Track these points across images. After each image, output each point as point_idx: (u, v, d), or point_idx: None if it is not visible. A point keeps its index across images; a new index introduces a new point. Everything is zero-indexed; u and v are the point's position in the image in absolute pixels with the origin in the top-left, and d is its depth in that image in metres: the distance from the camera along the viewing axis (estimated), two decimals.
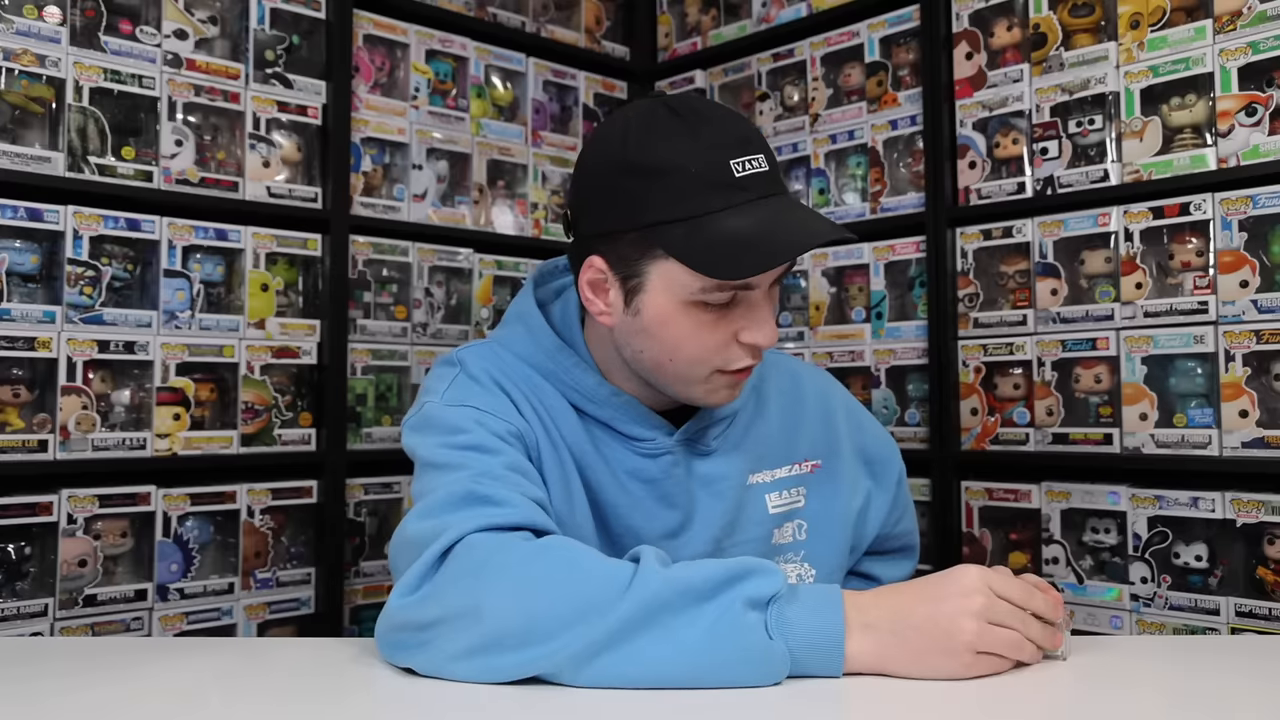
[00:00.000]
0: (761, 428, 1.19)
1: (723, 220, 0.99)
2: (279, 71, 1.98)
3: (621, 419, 1.12)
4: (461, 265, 2.22)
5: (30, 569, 1.69)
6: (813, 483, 1.21)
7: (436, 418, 1.07)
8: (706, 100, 1.12)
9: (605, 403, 1.11)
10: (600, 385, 1.12)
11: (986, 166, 2.00)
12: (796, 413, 1.23)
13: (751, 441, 1.18)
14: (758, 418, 1.20)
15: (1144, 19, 1.82)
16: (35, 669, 0.98)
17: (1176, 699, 0.87)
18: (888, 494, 1.29)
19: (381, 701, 0.88)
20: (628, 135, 1.04)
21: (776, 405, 1.22)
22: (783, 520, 1.18)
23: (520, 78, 2.37)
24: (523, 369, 1.13)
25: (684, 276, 1.01)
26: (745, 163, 1.01)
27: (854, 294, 2.20)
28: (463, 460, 1.02)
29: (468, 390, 1.10)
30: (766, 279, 1.03)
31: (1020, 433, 1.92)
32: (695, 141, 1.01)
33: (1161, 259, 1.81)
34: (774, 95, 2.36)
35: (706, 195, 1.00)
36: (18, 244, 1.69)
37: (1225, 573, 1.70)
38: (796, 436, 1.21)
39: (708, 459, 1.15)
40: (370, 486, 2.08)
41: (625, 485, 1.11)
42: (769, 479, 1.18)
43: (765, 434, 1.19)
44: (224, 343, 1.88)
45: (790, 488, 1.19)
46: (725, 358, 1.05)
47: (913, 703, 0.84)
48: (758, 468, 1.18)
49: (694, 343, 1.04)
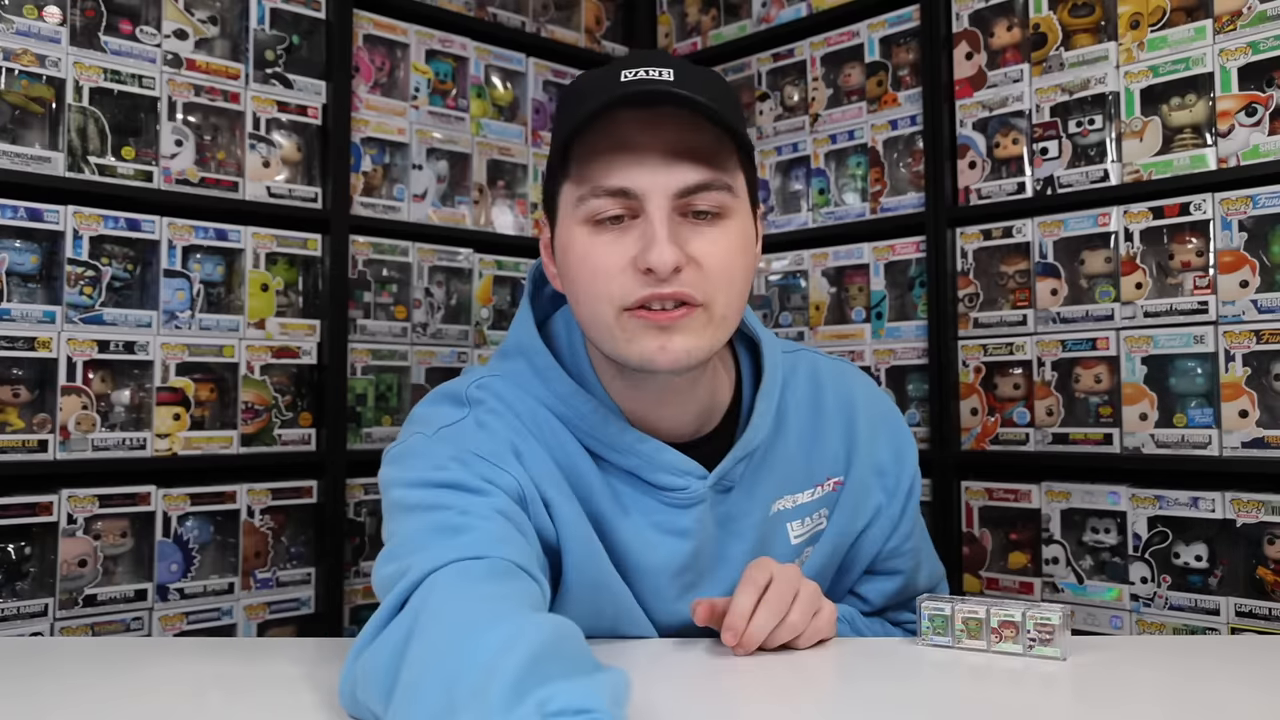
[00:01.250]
0: (781, 449, 1.09)
1: (577, 123, 0.93)
2: (279, 71, 1.98)
3: (649, 467, 1.01)
4: (461, 265, 2.22)
5: (30, 569, 1.69)
6: (835, 502, 1.11)
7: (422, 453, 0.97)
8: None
9: (630, 451, 1.00)
10: (624, 432, 1.00)
11: (986, 166, 2.00)
12: (818, 425, 1.12)
13: (771, 466, 1.08)
14: (778, 439, 1.09)
15: (1144, 19, 1.82)
16: (35, 669, 0.98)
17: (1176, 699, 0.87)
18: (896, 506, 1.14)
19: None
20: None
21: (796, 420, 1.11)
22: (804, 547, 1.10)
23: (520, 78, 2.36)
24: (539, 411, 1.02)
25: (570, 189, 0.96)
26: (640, 71, 0.94)
27: (854, 294, 2.20)
28: (439, 500, 0.92)
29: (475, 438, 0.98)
30: (654, 191, 0.93)
31: (1020, 433, 1.92)
32: (603, 71, 0.97)
33: (1161, 259, 1.81)
34: (774, 95, 2.36)
35: (588, 101, 0.94)
36: (18, 244, 1.69)
37: (1225, 573, 1.70)
38: (818, 454, 1.11)
39: (727, 495, 1.05)
40: (370, 486, 2.07)
41: (651, 542, 1.01)
42: (790, 505, 1.09)
43: (785, 456, 1.09)
44: (224, 343, 1.88)
45: (813, 512, 1.10)
46: (623, 286, 0.93)
47: (913, 702, 0.83)
48: (779, 494, 1.08)
49: (590, 267, 0.94)
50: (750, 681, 0.89)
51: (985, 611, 0.95)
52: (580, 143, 0.95)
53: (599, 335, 0.97)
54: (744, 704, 0.83)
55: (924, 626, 0.98)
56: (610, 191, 0.93)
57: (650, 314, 0.93)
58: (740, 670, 0.92)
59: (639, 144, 0.93)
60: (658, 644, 0.99)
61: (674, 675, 0.93)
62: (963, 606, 0.96)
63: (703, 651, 0.97)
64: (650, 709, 0.82)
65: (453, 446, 0.96)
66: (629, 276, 0.93)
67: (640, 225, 0.93)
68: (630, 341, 0.95)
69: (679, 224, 0.94)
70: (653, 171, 0.93)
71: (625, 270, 0.93)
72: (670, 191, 0.93)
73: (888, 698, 0.84)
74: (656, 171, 0.93)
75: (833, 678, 0.92)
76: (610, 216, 0.94)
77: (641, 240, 0.93)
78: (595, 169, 0.94)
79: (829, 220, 2.23)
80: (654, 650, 0.98)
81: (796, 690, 0.86)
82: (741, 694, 0.86)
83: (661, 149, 0.93)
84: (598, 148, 0.94)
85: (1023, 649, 0.93)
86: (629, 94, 0.92)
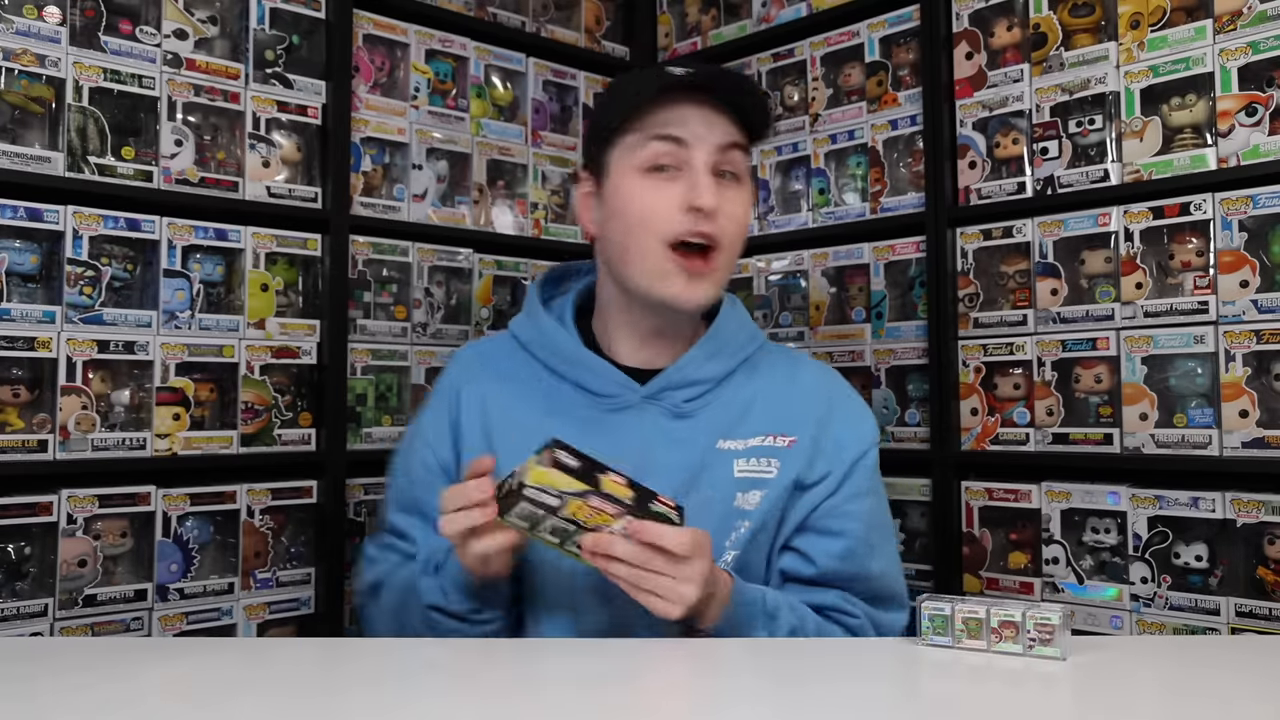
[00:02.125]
0: (743, 399, 1.28)
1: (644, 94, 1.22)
2: (279, 71, 1.98)
3: (589, 376, 1.27)
4: (461, 265, 2.22)
5: (30, 569, 1.69)
6: (786, 457, 1.24)
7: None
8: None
9: (576, 362, 1.27)
10: (572, 346, 1.28)
11: (986, 166, 2.00)
12: (785, 391, 1.29)
13: (729, 409, 1.27)
14: (743, 388, 1.29)
15: (1144, 19, 1.82)
16: (35, 669, 0.98)
17: (1176, 699, 0.87)
18: (839, 470, 1.26)
19: (382, 701, 0.88)
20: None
21: (766, 379, 1.30)
22: (749, 486, 1.23)
23: (520, 78, 2.36)
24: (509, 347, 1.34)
25: (625, 149, 1.23)
26: (686, 70, 1.20)
27: (854, 294, 2.20)
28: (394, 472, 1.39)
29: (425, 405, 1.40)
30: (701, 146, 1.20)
31: (1020, 433, 1.92)
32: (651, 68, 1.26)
33: (1162, 259, 1.81)
34: (774, 95, 2.36)
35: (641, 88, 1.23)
36: (18, 244, 1.69)
37: (1225, 573, 1.70)
38: (777, 411, 1.27)
39: (679, 420, 1.25)
40: (370, 486, 2.07)
41: (573, 437, 1.11)
42: (740, 446, 1.24)
43: (745, 402, 1.27)
44: (224, 343, 1.88)
45: (761, 456, 1.24)
46: (673, 222, 1.20)
47: (915, 703, 0.84)
48: (729, 435, 1.25)
49: (643, 206, 1.21)
50: (750, 681, 0.89)
51: (985, 611, 0.95)
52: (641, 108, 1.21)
53: (636, 267, 1.23)
54: (744, 704, 0.83)
55: (924, 626, 0.98)
56: (666, 137, 1.21)
57: (687, 257, 1.21)
58: (740, 670, 0.93)
59: (690, 107, 1.21)
60: (655, 644, 0.99)
61: (672, 675, 0.93)
62: (963, 606, 0.96)
63: (702, 651, 0.98)
64: (647, 708, 0.82)
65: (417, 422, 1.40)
66: (676, 215, 1.20)
67: (685, 176, 1.21)
68: (664, 279, 1.22)
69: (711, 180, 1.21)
70: (700, 126, 1.21)
71: (673, 210, 1.20)
72: (713, 144, 1.21)
73: (888, 698, 0.85)
74: (702, 127, 1.21)
75: (833, 678, 0.92)
76: (660, 165, 1.21)
77: (688, 187, 1.20)
78: (654, 121, 1.21)
79: (829, 220, 2.23)
80: (652, 650, 0.98)
81: (797, 690, 0.86)
82: (741, 694, 0.86)
83: (707, 112, 1.22)
84: (656, 107, 1.22)
85: (1023, 649, 0.93)
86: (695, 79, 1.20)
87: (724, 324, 1.32)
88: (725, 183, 1.23)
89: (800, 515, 1.25)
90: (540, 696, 0.86)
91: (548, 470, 0.98)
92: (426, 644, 1.04)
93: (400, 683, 0.91)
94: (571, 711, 0.82)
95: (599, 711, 0.82)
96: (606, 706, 0.83)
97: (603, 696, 0.85)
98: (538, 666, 0.97)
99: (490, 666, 0.97)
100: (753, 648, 1.00)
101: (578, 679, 0.90)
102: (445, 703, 0.87)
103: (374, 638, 1.19)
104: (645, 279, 1.22)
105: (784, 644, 1.05)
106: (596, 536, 1.02)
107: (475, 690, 0.89)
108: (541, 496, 0.99)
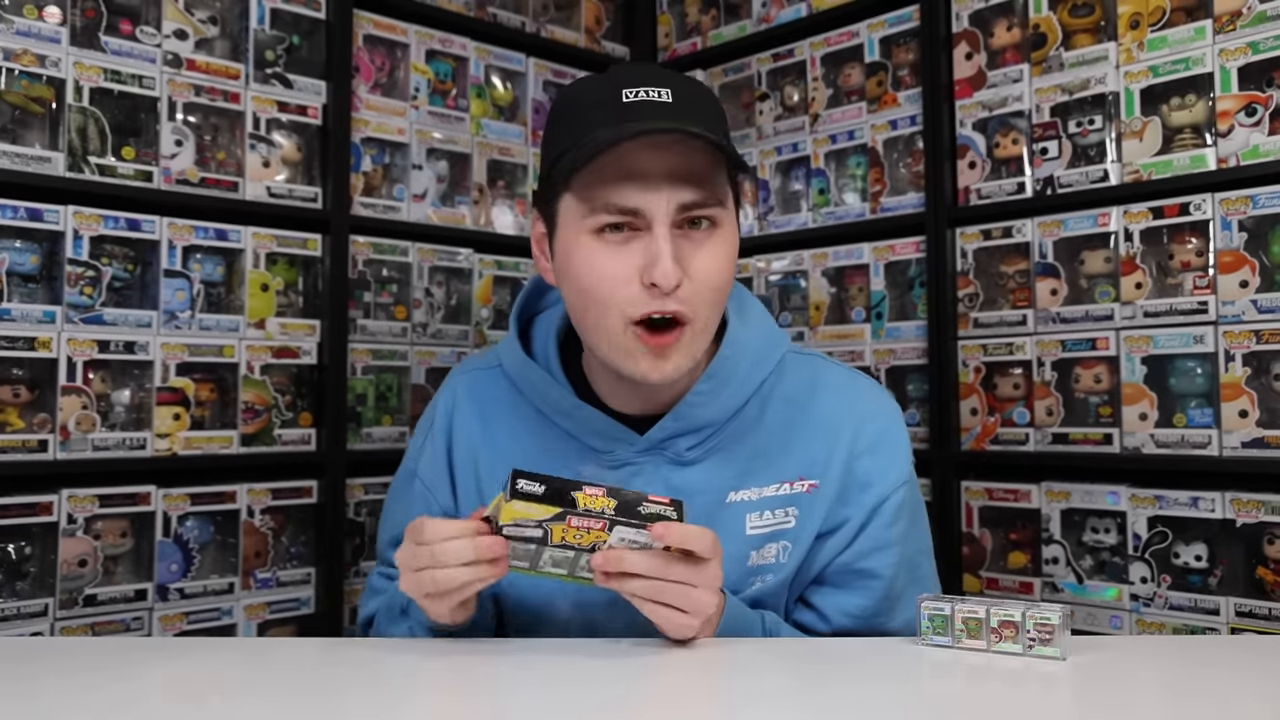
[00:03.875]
0: (755, 439, 1.13)
1: (596, 133, 1.01)
2: (279, 71, 1.98)
3: (584, 431, 1.13)
4: (461, 265, 2.22)
5: (30, 569, 1.69)
6: (806, 504, 1.11)
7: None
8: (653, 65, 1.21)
9: (569, 415, 1.13)
10: (564, 398, 1.13)
11: (986, 166, 2.00)
12: (801, 426, 1.14)
13: (738, 454, 1.12)
14: (755, 426, 1.13)
15: (1144, 19, 1.82)
16: (35, 669, 0.98)
17: (1176, 699, 0.87)
18: (859, 516, 1.12)
19: (382, 701, 0.88)
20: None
21: (779, 414, 1.14)
22: (764, 542, 1.11)
23: (520, 78, 2.36)
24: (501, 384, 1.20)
25: (574, 203, 1.04)
26: (639, 91, 1.02)
27: (854, 294, 2.20)
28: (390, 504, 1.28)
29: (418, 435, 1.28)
30: (659, 212, 1.01)
31: (1020, 433, 1.92)
32: (599, 83, 1.05)
33: (1161, 259, 1.81)
34: (774, 95, 2.36)
35: (590, 118, 1.03)
36: (18, 244, 1.69)
37: (1225, 573, 1.70)
38: (793, 451, 1.12)
39: (684, 469, 1.11)
40: (370, 486, 2.07)
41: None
42: (753, 497, 1.11)
43: (757, 446, 1.12)
44: (224, 343, 1.88)
45: (777, 508, 1.11)
46: (629, 297, 1.02)
47: (913, 702, 0.84)
48: (741, 484, 1.11)
49: (595, 276, 1.03)
50: (749, 682, 0.89)
51: (985, 611, 0.95)
52: (586, 166, 1.02)
53: (600, 343, 1.07)
54: (743, 704, 0.83)
55: (924, 626, 0.98)
56: (618, 209, 1.02)
57: (650, 336, 1.04)
58: (739, 671, 0.93)
59: (644, 168, 1.02)
60: (652, 645, 0.99)
61: (674, 675, 0.93)
62: (963, 606, 0.96)
63: (701, 652, 0.98)
64: (646, 710, 0.82)
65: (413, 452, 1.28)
66: (634, 289, 1.02)
67: (644, 239, 1.03)
68: (629, 357, 1.05)
69: (678, 237, 1.03)
70: (657, 192, 1.01)
71: (631, 281, 1.02)
72: (672, 209, 1.02)
73: (888, 698, 0.85)
74: (660, 193, 1.01)
75: (833, 678, 0.92)
76: (615, 225, 1.03)
77: (646, 255, 1.02)
78: (603, 190, 1.02)
79: (829, 220, 2.23)
80: (650, 651, 0.98)
81: (797, 690, 0.86)
82: (740, 694, 0.86)
83: (664, 172, 1.02)
84: (605, 172, 1.02)
85: (1023, 649, 0.93)
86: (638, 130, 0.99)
87: (728, 354, 1.13)
88: (697, 234, 1.04)
89: (819, 566, 1.12)
90: (540, 696, 0.86)
91: (515, 504, 0.92)
92: (426, 644, 1.04)
93: (400, 683, 0.91)
94: (572, 711, 0.82)
95: (601, 711, 0.82)
96: (608, 705, 0.83)
97: (603, 694, 0.85)
98: (538, 666, 0.97)
99: (490, 665, 0.97)
100: (753, 648, 1.00)
101: (578, 679, 0.90)
102: (446, 702, 0.87)
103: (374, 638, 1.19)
104: (608, 353, 1.06)
105: (784, 644, 1.05)
106: (605, 553, 0.94)
107: (475, 690, 0.89)
108: (522, 532, 0.93)
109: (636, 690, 0.88)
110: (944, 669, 0.92)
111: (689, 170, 1.02)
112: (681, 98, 1.03)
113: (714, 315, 1.08)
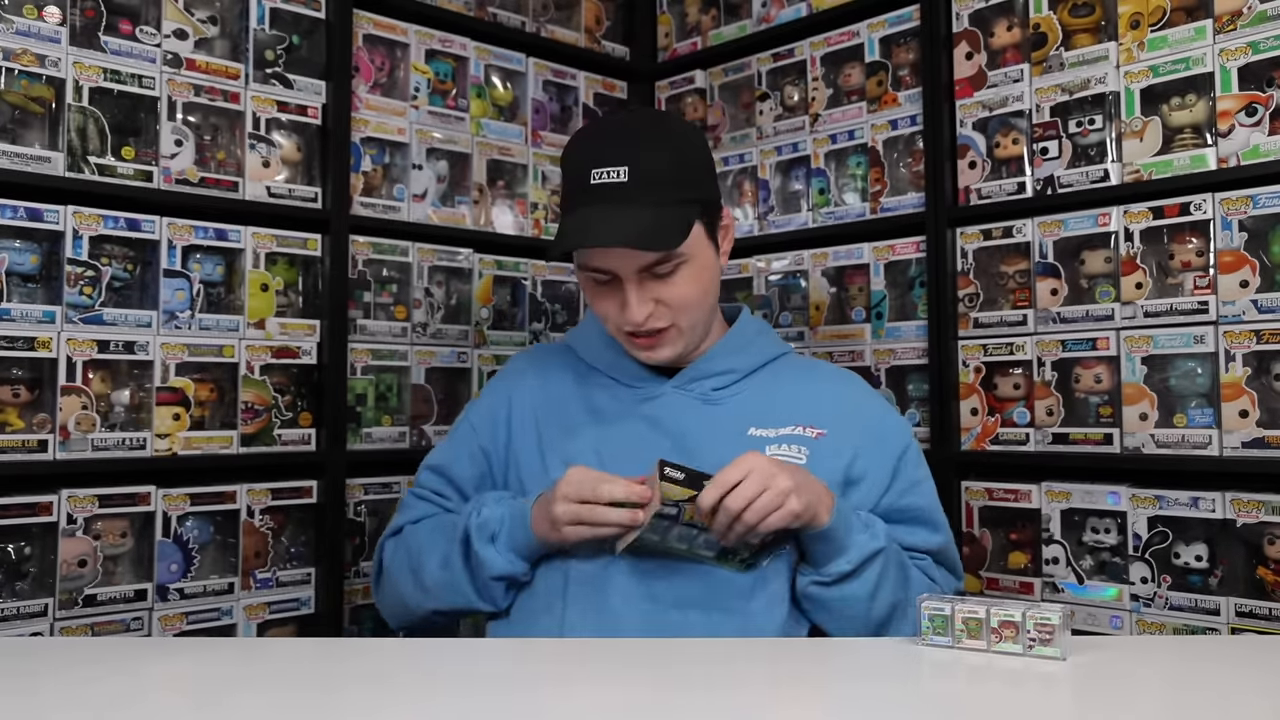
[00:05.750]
0: (770, 394, 1.39)
1: (566, 216, 1.34)
2: (279, 71, 1.98)
3: (623, 372, 1.43)
4: (461, 265, 2.22)
5: (30, 569, 1.69)
6: (816, 447, 1.34)
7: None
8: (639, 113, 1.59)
9: (613, 364, 1.43)
10: (609, 348, 1.43)
11: (986, 166, 2.00)
12: (808, 393, 1.41)
13: (757, 400, 1.38)
14: (770, 385, 1.40)
15: (1144, 19, 1.82)
16: (35, 668, 0.98)
17: (1176, 699, 0.87)
18: (888, 465, 1.38)
19: (381, 701, 0.88)
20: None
21: (790, 381, 1.42)
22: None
23: (520, 78, 2.36)
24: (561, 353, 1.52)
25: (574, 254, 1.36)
26: (604, 172, 1.28)
27: (854, 294, 2.20)
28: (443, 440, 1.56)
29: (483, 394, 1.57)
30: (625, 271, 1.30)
31: (1020, 433, 1.92)
32: (586, 151, 1.33)
33: (1162, 259, 1.81)
34: (774, 95, 2.36)
35: (572, 194, 1.34)
36: (18, 244, 1.69)
37: (1225, 573, 1.70)
38: (804, 405, 1.38)
39: (711, 406, 1.37)
40: (370, 486, 2.07)
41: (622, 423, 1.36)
42: (771, 434, 1.34)
43: (775, 398, 1.39)
44: (224, 343, 1.88)
45: (792, 443, 1.34)
46: (618, 323, 1.35)
47: (913, 702, 0.84)
48: (760, 423, 1.35)
49: (594, 306, 1.38)
50: (749, 681, 0.89)
51: (985, 611, 0.95)
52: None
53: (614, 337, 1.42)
54: (742, 704, 0.83)
55: (924, 626, 0.98)
56: (594, 269, 1.33)
57: (640, 339, 1.36)
58: (739, 670, 0.93)
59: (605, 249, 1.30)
60: (657, 644, 0.99)
61: (677, 672, 0.93)
62: (963, 606, 0.96)
63: (702, 651, 0.98)
64: (649, 707, 0.82)
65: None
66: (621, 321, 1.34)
67: (616, 284, 1.33)
68: (631, 348, 1.40)
69: (647, 280, 1.31)
70: (621, 258, 1.30)
71: (617, 317, 1.35)
72: (635, 270, 1.30)
73: (888, 698, 0.85)
74: (625, 258, 1.30)
75: (833, 678, 0.92)
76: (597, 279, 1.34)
77: (621, 300, 1.32)
78: (580, 255, 1.35)
79: (829, 220, 2.23)
80: (652, 651, 0.98)
81: (797, 689, 0.86)
82: (740, 693, 0.86)
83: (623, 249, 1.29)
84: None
85: (1023, 649, 0.93)
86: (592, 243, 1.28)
87: (745, 326, 1.47)
88: (665, 270, 1.31)
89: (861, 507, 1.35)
90: (541, 696, 0.86)
91: (664, 486, 1.14)
92: (426, 644, 1.04)
93: (399, 682, 0.91)
94: (572, 711, 0.82)
95: (600, 710, 0.82)
96: (608, 704, 0.83)
97: (603, 694, 0.85)
98: (538, 666, 0.97)
99: (490, 665, 0.97)
100: (752, 648, 1.00)
101: (578, 678, 0.90)
102: (446, 702, 0.87)
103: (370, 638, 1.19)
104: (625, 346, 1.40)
105: (783, 644, 1.05)
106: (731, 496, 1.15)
107: (475, 689, 0.89)
108: (666, 510, 1.17)
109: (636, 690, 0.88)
110: (944, 669, 0.92)
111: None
112: (639, 176, 1.28)
113: (699, 314, 1.37)
